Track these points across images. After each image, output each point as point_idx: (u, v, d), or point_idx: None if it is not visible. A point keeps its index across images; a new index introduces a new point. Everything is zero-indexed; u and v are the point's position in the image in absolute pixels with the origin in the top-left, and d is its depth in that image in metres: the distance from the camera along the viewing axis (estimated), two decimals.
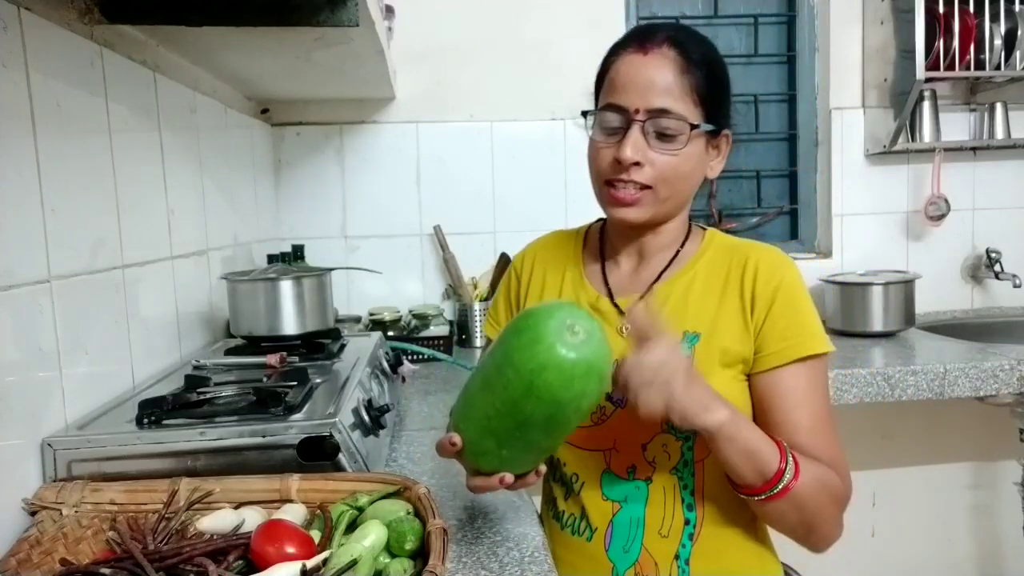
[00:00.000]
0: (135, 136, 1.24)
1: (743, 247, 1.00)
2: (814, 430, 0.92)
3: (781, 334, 0.92)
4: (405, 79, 2.17)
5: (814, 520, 0.90)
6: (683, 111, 0.91)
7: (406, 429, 1.39)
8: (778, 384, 0.93)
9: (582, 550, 0.98)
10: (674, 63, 0.91)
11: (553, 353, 0.72)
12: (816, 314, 0.96)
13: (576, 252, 1.09)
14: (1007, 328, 2.39)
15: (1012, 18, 2.17)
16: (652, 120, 0.91)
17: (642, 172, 0.92)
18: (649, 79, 0.91)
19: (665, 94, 0.90)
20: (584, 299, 1.03)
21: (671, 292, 0.99)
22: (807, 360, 0.92)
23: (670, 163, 0.92)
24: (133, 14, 1.11)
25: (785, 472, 0.85)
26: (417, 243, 2.27)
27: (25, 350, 0.89)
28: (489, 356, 0.79)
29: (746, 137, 2.47)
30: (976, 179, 2.43)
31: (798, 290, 0.95)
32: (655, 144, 0.91)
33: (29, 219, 0.92)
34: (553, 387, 0.72)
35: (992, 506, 2.35)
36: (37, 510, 0.85)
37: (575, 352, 0.72)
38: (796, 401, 0.92)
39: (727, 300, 0.96)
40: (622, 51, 0.94)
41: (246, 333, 1.45)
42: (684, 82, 0.91)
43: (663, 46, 0.91)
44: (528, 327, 0.74)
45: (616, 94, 0.93)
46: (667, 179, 0.93)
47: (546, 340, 0.72)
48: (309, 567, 0.69)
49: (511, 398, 0.73)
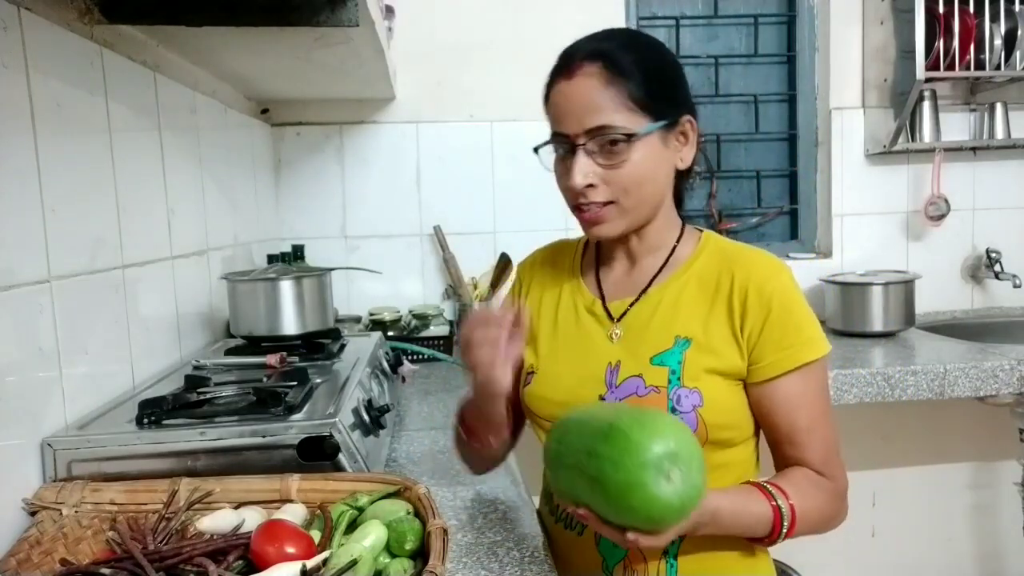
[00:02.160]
0: (135, 136, 1.24)
1: (736, 254, 0.99)
2: (810, 429, 0.94)
3: (777, 344, 0.92)
4: (405, 79, 2.17)
5: (821, 527, 0.95)
6: (620, 122, 0.91)
7: (406, 429, 1.39)
8: (776, 392, 0.93)
9: (574, 544, 0.99)
10: (598, 78, 0.91)
11: (647, 493, 0.72)
12: (812, 316, 0.96)
13: (575, 259, 1.10)
14: (1007, 328, 2.39)
15: (1012, 18, 2.17)
16: (593, 140, 0.92)
17: (598, 192, 0.93)
18: (578, 102, 0.92)
19: (596, 111, 0.91)
20: (581, 303, 1.04)
21: (663, 296, 0.99)
22: (804, 366, 0.93)
23: (622, 175, 0.92)
24: (133, 14, 1.11)
25: (782, 528, 0.88)
26: (417, 243, 2.27)
27: (25, 350, 0.89)
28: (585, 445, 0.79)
29: (746, 137, 2.47)
30: (976, 179, 2.43)
31: (792, 297, 0.95)
32: (604, 161, 0.92)
33: (29, 219, 0.92)
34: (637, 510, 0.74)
35: (992, 506, 2.35)
36: (37, 510, 0.85)
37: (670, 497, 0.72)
38: (794, 405, 0.93)
39: (716, 308, 0.96)
40: (553, 80, 0.95)
41: (246, 333, 1.45)
42: (613, 93, 0.91)
43: (584, 65, 0.92)
44: (620, 456, 0.74)
45: (556, 123, 0.95)
46: (626, 189, 0.93)
47: (640, 479, 0.72)
48: (309, 567, 0.69)
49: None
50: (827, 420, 0.95)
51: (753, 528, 0.88)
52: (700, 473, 0.74)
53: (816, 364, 0.94)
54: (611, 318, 1.01)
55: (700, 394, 0.91)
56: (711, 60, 2.43)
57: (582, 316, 1.03)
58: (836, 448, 0.96)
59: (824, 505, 0.93)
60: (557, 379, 1.01)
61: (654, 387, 0.93)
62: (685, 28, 2.43)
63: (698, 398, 0.91)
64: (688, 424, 0.91)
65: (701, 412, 0.91)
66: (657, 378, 0.93)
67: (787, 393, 0.93)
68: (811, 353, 0.93)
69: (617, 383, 0.96)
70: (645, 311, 0.99)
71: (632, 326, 0.99)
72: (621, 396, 0.95)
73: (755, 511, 0.88)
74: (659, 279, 1.00)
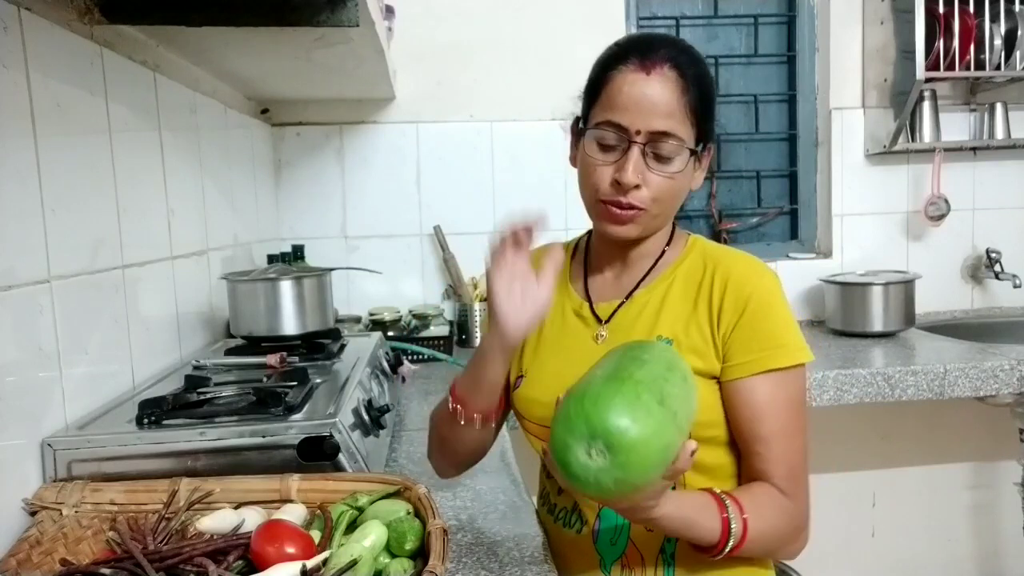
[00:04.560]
0: (135, 136, 1.24)
1: (719, 256, 0.99)
2: (771, 440, 0.91)
3: (746, 346, 0.91)
4: (405, 79, 2.17)
5: (777, 549, 0.93)
6: (683, 134, 0.91)
7: (406, 429, 1.39)
8: (741, 395, 0.92)
9: (573, 542, 0.99)
10: (675, 84, 0.90)
11: (566, 456, 0.71)
12: (792, 324, 0.94)
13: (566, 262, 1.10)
14: (1007, 328, 2.39)
15: (1012, 18, 2.17)
16: (652, 143, 0.90)
17: (639, 194, 0.92)
18: (652, 101, 0.89)
19: (668, 117, 0.90)
20: (569, 307, 1.04)
21: (649, 298, 0.99)
22: (773, 372, 0.91)
23: (666, 185, 0.92)
24: (133, 14, 1.11)
25: (728, 543, 0.84)
26: (417, 243, 2.27)
27: (25, 350, 0.89)
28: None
29: (746, 137, 2.47)
30: (976, 179, 2.43)
31: (770, 301, 0.93)
32: (653, 165, 0.91)
33: (29, 219, 0.92)
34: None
35: (992, 506, 2.35)
36: (37, 510, 0.85)
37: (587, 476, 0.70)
38: (757, 412, 0.91)
39: (698, 309, 0.96)
40: (621, 66, 0.92)
41: (246, 333, 1.45)
42: (683, 104, 0.90)
43: (665, 66, 0.90)
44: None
45: (616, 112, 0.91)
46: (661, 200, 0.93)
47: (566, 441, 0.71)
48: (309, 567, 0.69)
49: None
50: (794, 435, 0.92)
51: (700, 538, 0.85)
52: (639, 472, 0.69)
53: (789, 373, 0.91)
54: (599, 320, 1.01)
55: None
56: (711, 60, 2.43)
57: (569, 319, 1.04)
58: (802, 468, 0.92)
59: (781, 526, 0.90)
60: (544, 382, 1.01)
61: None
62: (685, 28, 2.43)
63: None
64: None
65: None
66: None
67: (752, 398, 0.91)
68: (783, 359, 0.91)
69: None
70: (631, 313, 0.99)
71: (618, 328, 0.99)
72: None
73: (705, 523, 0.84)
74: (646, 282, 1.01)
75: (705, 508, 0.85)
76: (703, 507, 0.85)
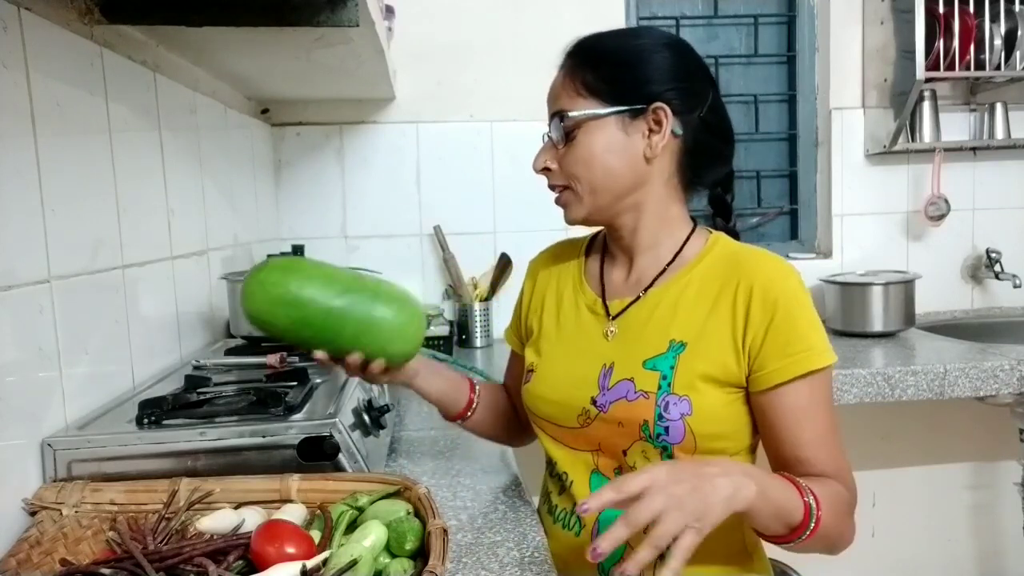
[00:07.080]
0: (135, 136, 1.24)
1: (743, 257, 0.95)
2: (817, 443, 0.89)
3: (781, 351, 0.89)
4: (405, 79, 2.17)
5: (836, 541, 0.90)
6: (571, 106, 0.95)
7: (406, 429, 1.39)
8: (781, 401, 0.89)
9: (572, 544, 0.99)
10: (566, 69, 0.97)
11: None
12: (818, 324, 0.92)
13: (580, 256, 1.10)
14: (1007, 328, 2.39)
15: (1012, 18, 2.17)
16: (552, 127, 0.97)
17: (554, 175, 0.99)
18: (551, 93, 0.99)
19: (556, 99, 0.97)
20: (583, 302, 1.04)
21: (662, 298, 0.97)
22: (809, 375, 0.89)
23: (569, 158, 0.96)
24: (133, 14, 1.11)
25: (810, 521, 0.83)
26: (417, 243, 2.27)
27: (25, 350, 0.89)
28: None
29: (746, 137, 2.47)
30: (976, 179, 2.43)
31: (799, 302, 0.91)
32: (560, 147, 0.97)
33: (29, 219, 0.92)
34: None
35: (992, 506, 2.35)
36: (37, 510, 0.85)
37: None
38: (799, 417, 0.89)
39: (718, 312, 0.92)
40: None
41: (246, 333, 1.45)
42: (570, 82, 0.96)
43: (564, 60, 0.98)
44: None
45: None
46: (574, 173, 0.96)
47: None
48: (309, 567, 0.69)
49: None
50: (836, 434, 0.91)
51: (789, 515, 0.82)
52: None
53: (822, 374, 0.90)
54: (609, 315, 1.00)
55: (689, 402, 0.89)
56: (711, 60, 2.43)
57: (583, 314, 1.03)
58: (848, 468, 0.92)
59: (842, 517, 0.89)
60: (553, 379, 1.01)
61: (643, 392, 0.91)
62: (685, 28, 2.43)
63: (687, 406, 0.89)
64: (676, 433, 0.89)
65: (689, 421, 0.89)
66: (647, 383, 0.92)
67: (793, 403, 0.89)
68: (815, 362, 0.89)
69: (609, 386, 0.95)
70: (643, 312, 0.98)
71: (629, 326, 0.98)
72: (612, 399, 0.94)
73: (787, 494, 0.82)
74: (661, 280, 0.99)
75: (784, 489, 0.83)
76: (781, 488, 0.83)
